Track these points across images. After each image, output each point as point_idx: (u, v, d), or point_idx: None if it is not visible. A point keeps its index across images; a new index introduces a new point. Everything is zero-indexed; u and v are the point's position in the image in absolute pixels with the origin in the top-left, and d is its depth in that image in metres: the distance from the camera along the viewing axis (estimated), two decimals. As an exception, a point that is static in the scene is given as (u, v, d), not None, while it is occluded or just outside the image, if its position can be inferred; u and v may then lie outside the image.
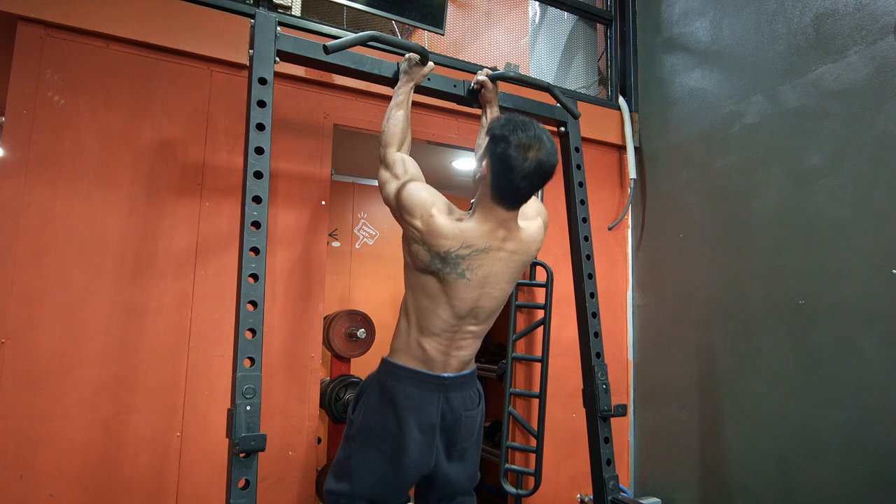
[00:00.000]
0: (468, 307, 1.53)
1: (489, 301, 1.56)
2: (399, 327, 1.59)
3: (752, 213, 2.35)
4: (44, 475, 1.70)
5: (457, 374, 1.58)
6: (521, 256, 1.57)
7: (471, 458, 1.69)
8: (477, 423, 1.66)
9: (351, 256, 3.97)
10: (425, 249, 1.47)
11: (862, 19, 2.02)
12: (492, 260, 1.51)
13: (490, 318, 1.61)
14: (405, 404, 1.52)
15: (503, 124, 1.46)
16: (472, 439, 1.66)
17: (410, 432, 1.52)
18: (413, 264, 1.53)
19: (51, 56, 1.82)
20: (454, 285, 1.49)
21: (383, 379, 1.57)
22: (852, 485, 1.95)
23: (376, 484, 1.57)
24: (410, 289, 1.57)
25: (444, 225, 1.46)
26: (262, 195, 1.54)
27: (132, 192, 1.90)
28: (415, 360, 1.55)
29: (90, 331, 1.80)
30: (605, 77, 3.09)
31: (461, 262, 1.48)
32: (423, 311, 1.54)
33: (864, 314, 1.95)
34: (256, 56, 1.62)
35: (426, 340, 1.54)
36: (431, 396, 1.54)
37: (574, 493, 2.69)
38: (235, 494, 1.35)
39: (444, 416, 1.57)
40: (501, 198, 1.48)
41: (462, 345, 1.58)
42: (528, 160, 1.42)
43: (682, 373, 2.62)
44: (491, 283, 1.53)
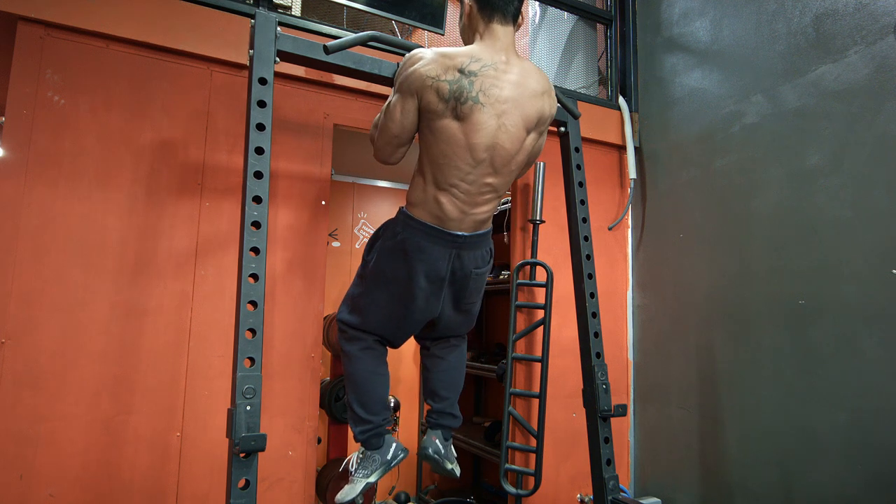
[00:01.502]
0: (486, 144, 1.52)
1: (506, 138, 1.54)
2: (414, 182, 1.62)
3: (752, 213, 2.35)
4: (44, 475, 1.70)
5: (471, 234, 1.61)
6: (528, 82, 1.57)
7: (474, 309, 1.81)
8: (484, 280, 1.75)
9: (351, 256, 3.96)
10: (440, 81, 1.49)
11: (862, 19, 2.02)
12: (502, 81, 1.53)
13: (507, 166, 1.59)
14: (416, 256, 1.58)
15: None
16: (479, 293, 1.77)
17: (418, 281, 1.60)
18: (431, 111, 1.52)
19: (51, 56, 1.82)
20: (471, 117, 1.50)
21: (398, 228, 1.62)
22: (852, 485, 1.95)
23: (384, 322, 1.70)
24: (426, 146, 1.57)
25: (448, 49, 1.53)
26: (262, 195, 1.55)
27: (132, 192, 1.90)
28: (430, 216, 1.58)
29: (90, 331, 1.80)
30: (605, 77, 3.09)
31: (475, 81, 1.49)
32: (438, 165, 1.54)
33: (864, 314, 1.95)
34: (256, 56, 1.62)
35: (443, 195, 1.56)
36: (443, 252, 1.59)
37: (574, 493, 2.69)
38: (235, 494, 1.35)
39: (455, 271, 1.63)
40: (491, 10, 1.56)
41: (479, 201, 1.59)
42: None
43: (682, 373, 2.62)
44: (506, 111, 1.53)
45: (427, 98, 1.51)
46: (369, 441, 1.72)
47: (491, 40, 1.56)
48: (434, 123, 1.53)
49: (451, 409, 1.88)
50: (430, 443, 1.84)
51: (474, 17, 1.58)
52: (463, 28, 1.65)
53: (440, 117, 1.51)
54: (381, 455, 1.72)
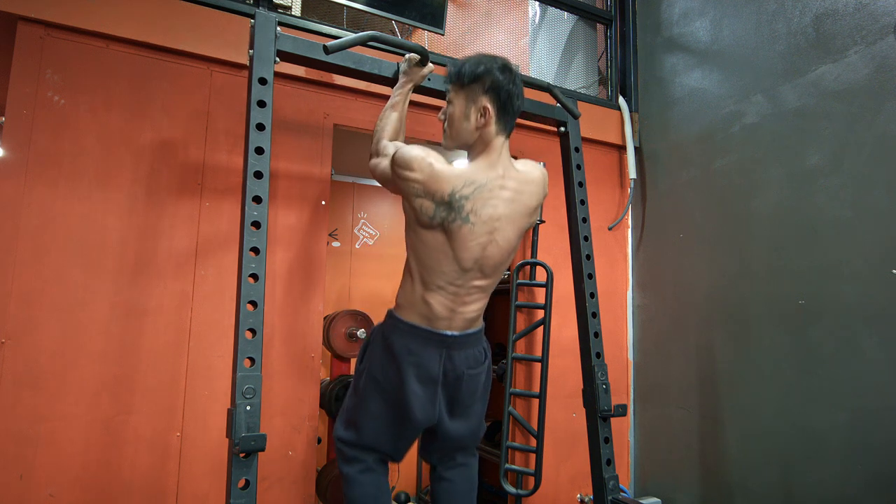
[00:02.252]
0: (474, 257, 1.51)
1: (495, 250, 1.53)
2: (403, 283, 1.59)
3: (752, 213, 2.35)
4: (44, 475, 1.70)
5: (461, 333, 1.58)
6: (523, 198, 1.56)
7: (475, 414, 1.72)
8: (481, 381, 1.68)
9: (351, 256, 3.96)
10: (429, 200, 1.45)
11: (862, 19, 2.02)
12: (495, 199, 1.50)
13: (496, 271, 1.59)
14: (406, 359, 1.54)
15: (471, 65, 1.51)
16: (477, 396, 1.69)
17: (411, 386, 1.54)
18: (417, 221, 1.50)
19: (51, 56, 1.82)
20: (459, 234, 1.47)
21: (386, 333, 1.58)
22: (852, 485, 1.95)
23: (381, 434, 1.62)
24: (413, 248, 1.55)
25: (443, 169, 1.46)
26: (262, 195, 1.55)
27: (132, 192, 1.90)
28: (418, 316, 1.55)
29: (90, 331, 1.80)
30: (605, 77, 3.09)
31: (465, 204, 1.45)
32: (426, 267, 1.52)
33: (864, 314, 1.95)
34: (256, 56, 1.62)
35: (431, 296, 1.53)
36: (433, 353, 1.55)
37: (574, 493, 2.69)
38: (235, 494, 1.35)
39: (446, 373, 1.58)
40: (505, 123, 1.53)
41: (468, 300, 1.56)
42: (514, 79, 1.50)
43: (682, 373, 2.62)
44: (496, 228, 1.51)
45: (414, 205, 1.48)
46: None
47: (491, 154, 1.52)
48: (420, 230, 1.50)
49: None
50: None
51: (491, 125, 1.50)
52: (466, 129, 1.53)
53: (429, 222, 1.48)
54: None
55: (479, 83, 1.49)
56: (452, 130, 1.55)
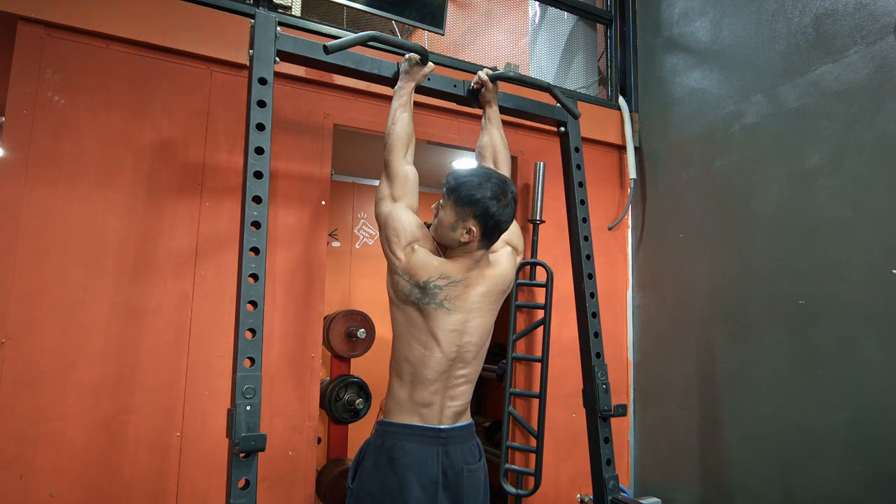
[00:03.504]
0: (455, 343, 1.55)
1: (473, 334, 1.59)
2: (392, 387, 1.60)
3: (752, 213, 2.35)
4: (44, 475, 1.70)
5: (453, 426, 1.58)
6: (497, 288, 1.64)
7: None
8: (481, 480, 1.63)
9: (351, 256, 3.96)
10: (405, 279, 1.53)
11: (862, 19, 2.02)
12: (469, 293, 1.57)
13: (476, 357, 1.63)
14: (404, 461, 1.50)
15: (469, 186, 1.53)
16: (479, 499, 1.62)
17: (412, 491, 1.48)
18: (395, 296, 1.57)
19: (51, 56, 1.82)
20: (435, 315, 1.53)
21: (380, 440, 1.55)
22: (853, 485, 1.95)
23: None
24: (398, 334, 1.59)
25: (423, 258, 1.53)
26: (262, 195, 1.54)
27: (132, 192, 1.90)
28: (410, 415, 1.55)
29: (90, 331, 1.80)
30: (605, 77, 3.09)
31: (439, 293, 1.52)
32: (415, 359, 1.54)
33: (864, 314, 1.95)
34: (256, 56, 1.62)
35: (419, 392, 1.55)
36: (430, 451, 1.52)
37: (574, 493, 2.69)
38: (235, 494, 1.35)
39: (446, 471, 1.54)
40: (488, 243, 1.58)
41: (455, 394, 1.59)
42: (507, 205, 1.54)
43: (682, 373, 2.62)
44: (471, 317, 1.58)
45: (392, 279, 1.56)
46: None
47: (469, 259, 1.58)
48: (401, 299, 1.56)
49: None
50: None
51: (472, 242, 1.55)
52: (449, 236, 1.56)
53: (406, 298, 1.54)
54: None
55: (471, 207, 1.51)
56: (439, 231, 1.59)
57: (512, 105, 2.06)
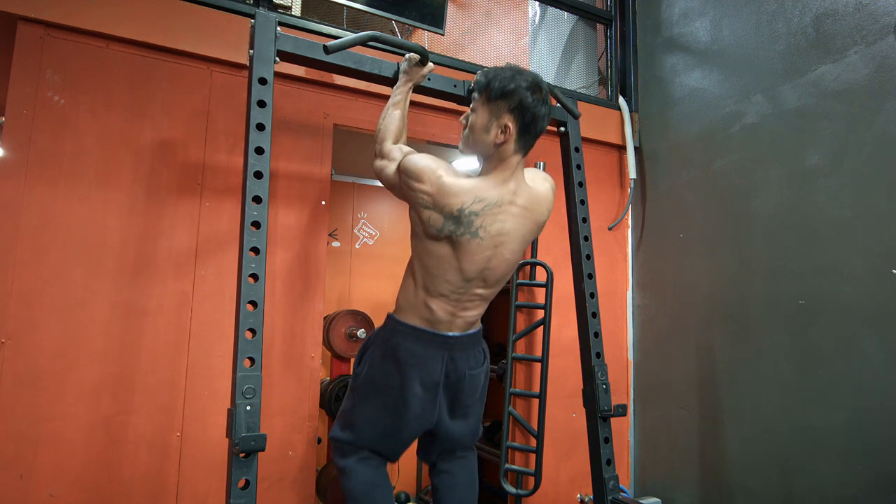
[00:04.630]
0: (478, 269, 1.52)
1: (500, 263, 1.54)
2: (405, 286, 1.60)
3: (752, 213, 2.35)
4: (44, 475, 1.70)
5: (462, 334, 1.59)
6: (532, 215, 1.56)
7: (474, 414, 1.74)
8: (481, 381, 1.70)
9: (351, 256, 3.96)
10: (437, 212, 1.45)
11: (862, 19, 2.02)
12: (505, 215, 1.50)
13: (499, 282, 1.60)
14: (409, 361, 1.54)
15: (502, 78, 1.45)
16: (476, 396, 1.71)
17: (413, 388, 1.55)
18: (425, 232, 1.50)
19: (51, 56, 1.82)
20: (466, 247, 1.48)
21: (387, 336, 1.58)
22: (853, 485, 1.95)
23: (378, 435, 1.62)
24: (417, 255, 1.56)
25: (454, 183, 1.45)
26: (262, 195, 1.54)
27: (132, 192, 1.90)
28: (420, 319, 1.55)
29: (90, 331, 1.80)
30: (605, 77, 3.09)
31: (475, 220, 1.46)
32: (429, 275, 1.53)
33: (864, 314, 1.95)
34: (256, 56, 1.62)
35: (432, 301, 1.54)
36: (436, 354, 1.56)
37: (574, 493, 2.69)
38: (235, 494, 1.35)
39: (448, 374, 1.59)
40: (525, 146, 1.50)
41: (469, 306, 1.58)
42: (543, 101, 1.47)
43: (682, 373, 2.62)
44: (503, 242, 1.52)
45: (422, 216, 1.48)
46: None
47: (504, 171, 1.50)
48: (427, 240, 1.51)
49: None
50: None
51: (511, 143, 1.47)
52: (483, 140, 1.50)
53: (437, 233, 1.48)
54: None
55: (506, 100, 1.44)
56: (471, 139, 1.53)
57: (512, 105, 2.06)
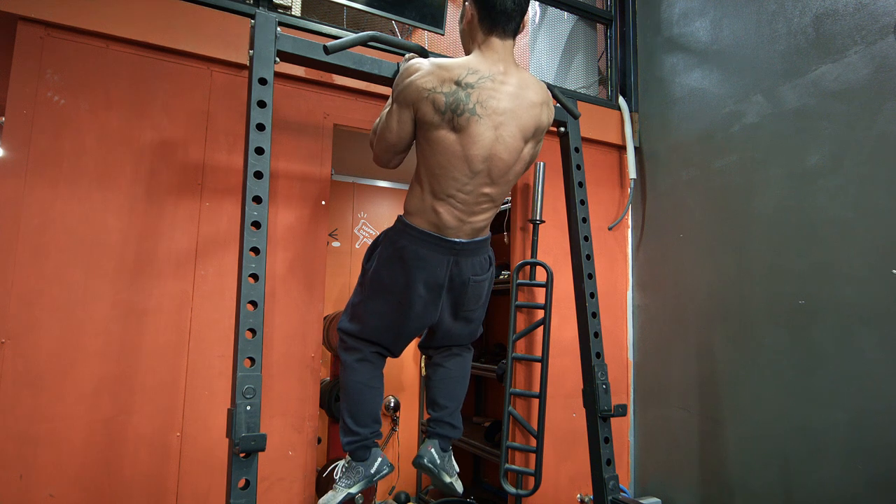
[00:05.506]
0: (483, 155, 1.53)
1: (503, 149, 1.55)
2: (412, 191, 1.63)
3: (752, 213, 2.35)
4: (44, 475, 1.70)
5: (469, 240, 1.62)
6: (527, 94, 1.57)
7: (475, 318, 1.80)
8: (485, 288, 1.74)
9: (351, 256, 3.97)
10: (438, 91, 1.49)
11: (862, 19, 2.02)
12: (499, 93, 1.53)
13: (504, 177, 1.60)
14: (414, 264, 1.59)
15: None
16: (480, 302, 1.75)
17: (417, 289, 1.60)
18: (429, 123, 1.52)
19: (51, 56, 1.82)
20: (468, 129, 1.50)
21: (395, 237, 1.62)
22: (853, 485, 1.95)
23: (382, 330, 1.71)
24: (423, 157, 1.58)
25: (445, 61, 1.53)
26: (262, 195, 1.54)
27: (132, 192, 1.90)
28: (428, 224, 1.59)
29: (90, 331, 1.80)
30: (605, 77, 3.09)
31: (472, 93, 1.49)
32: (435, 176, 1.55)
33: (864, 314, 1.95)
34: (256, 56, 1.62)
35: (440, 205, 1.57)
36: (441, 259, 1.60)
37: (574, 493, 2.69)
38: (235, 494, 1.35)
39: (453, 278, 1.63)
40: (493, 22, 1.55)
41: (477, 210, 1.60)
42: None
43: (682, 373, 2.62)
44: (503, 123, 1.54)
45: (423, 109, 1.52)
46: (356, 452, 1.73)
47: (489, 52, 1.56)
48: (430, 134, 1.53)
49: (449, 418, 1.85)
50: (425, 452, 1.82)
51: (474, 26, 1.58)
52: (462, 32, 1.65)
53: (436, 129, 1.52)
54: (365, 468, 1.72)
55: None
56: (461, 37, 1.64)
57: (512, 105, 2.06)
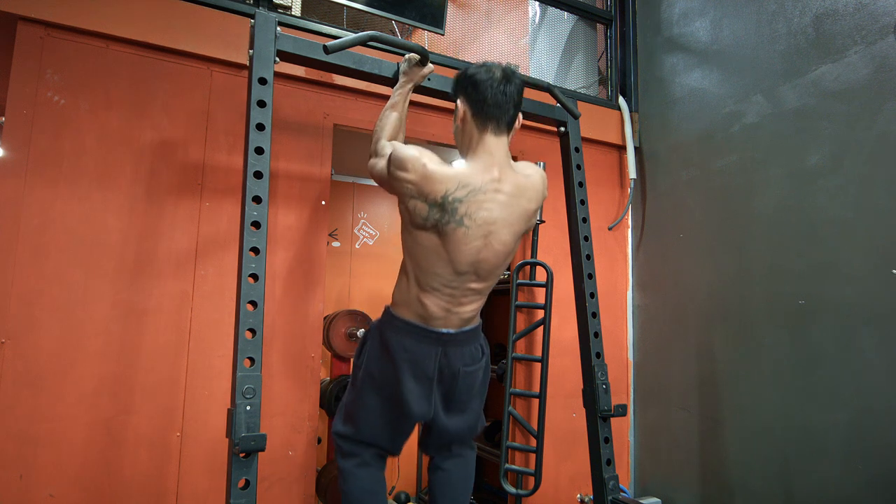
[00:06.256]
0: (469, 261, 1.49)
1: (491, 254, 1.51)
2: (399, 282, 1.60)
3: (752, 213, 2.35)
4: (44, 475, 1.70)
5: (457, 331, 1.58)
6: (520, 202, 1.53)
7: (472, 410, 1.73)
8: (478, 378, 1.69)
9: (351, 256, 3.96)
10: (422, 201, 1.44)
11: (862, 19, 2.02)
12: (491, 203, 1.47)
13: (492, 274, 1.57)
14: (401, 356, 1.55)
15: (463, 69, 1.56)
16: (473, 392, 1.69)
17: (406, 383, 1.55)
18: (412, 222, 1.49)
19: (51, 56, 1.82)
20: (453, 237, 1.45)
21: (383, 329, 1.59)
22: (853, 485, 1.95)
23: (379, 427, 1.64)
24: (408, 250, 1.55)
25: (437, 170, 1.44)
26: (262, 195, 1.55)
27: (132, 192, 1.90)
28: (414, 315, 1.55)
29: (90, 330, 1.80)
30: (605, 77, 3.09)
31: (459, 207, 1.43)
32: (421, 269, 1.52)
33: (864, 314, 1.95)
34: (256, 56, 1.62)
35: (426, 296, 1.53)
36: (429, 351, 1.55)
37: (574, 493, 2.69)
38: (235, 494, 1.35)
39: (442, 370, 1.58)
40: (485, 119, 1.50)
41: (464, 301, 1.56)
42: (493, 74, 1.50)
43: (682, 373, 2.62)
44: (492, 231, 1.49)
45: (408, 206, 1.47)
46: None
47: (484, 155, 1.50)
48: (414, 230, 1.50)
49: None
50: None
51: (468, 122, 1.52)
52: (456, 131, 1.58)
53: (423, 223, 1.46)
54: None
55: (457, 85, 1.56)
56: (455, 135, 1.60)
57: (512, 105, 2.06)
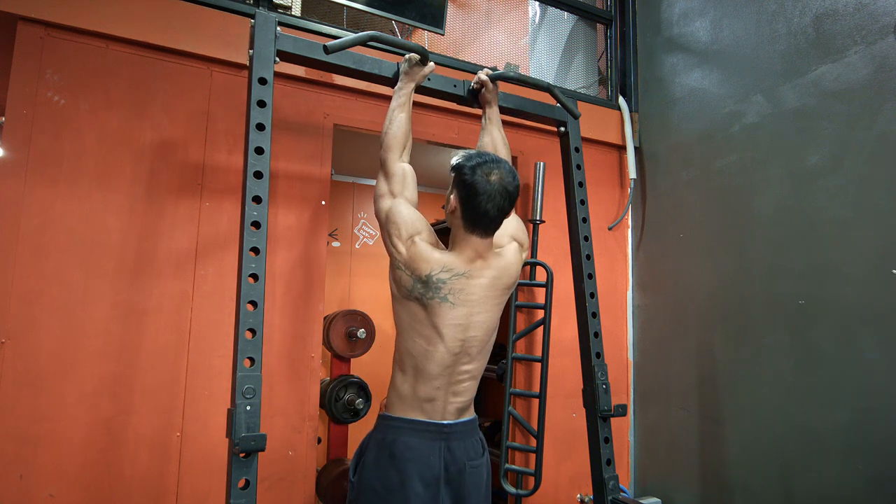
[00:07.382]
0: (459, 337, 1.53)
1: (478, 329, 1.56)
2: (394, 380, 1.58)
3: (752, 213, 2.35)
4: (44, 475, 1.70)
5: (456, 421, 1.56)
6: (502, 281, 1.60)
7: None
8: (483, 476, 1.61)
9: (351, 256, 3.96)
10: (408, 274, 1.50)
11: (862, 19, 2.02)
12: (473, 286, 1.54)
13: (482, 353, 1.61)
14: (406, 455, 1.48)
15: (464, 155, 1.54)
16: (481, 494, 1.59)
17: (413, 487, 1.47)
18: (398, 292, 1.55)
19: (51, 56, 1.82)
20: (438, 310, 1.50)
21: (381, 434, 1.54)
22: (853, 485, 1.95)
23: None
24: (401, 329, 1.56)
25: (425, 250, 1.50)
26: (262, 195, 1.54)
27: (132, 192, 1.90)
28: (412, 410, 1.53)
29: (90, 331, 1.80)
30: (605, 77, 3.09)
31: (442, 287, 1.50)
32: (418, 353, 1.52)
33: (864, 314, 1.95)
34: (256, 56, 1.62)
35: (422, 387, 1.53)
36: (432, 446, 1.51)
37: (574, 493, 2.69)
38: (235, 494, 1.35)
39: (447, 466, 1.52)
40: (473, 225, 1.52)
41: (459, 390, 1.57)
42: (491, 183, 1.49)
43: (682, 373, 2.62)
44: (475, 311, 1.55)
45: (394, 275, 1.53)
46: None
47: (469, 250, 1.54)
48: (404, 295, 1.53)
49: None
50: None
51: (457, 217, 1.54)
52: (447, 216, 1.60)
53: (408, 294, 1.51)
54: None
55: (453, 175, 1.54)
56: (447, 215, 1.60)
57: (512, 105, 2.06)
